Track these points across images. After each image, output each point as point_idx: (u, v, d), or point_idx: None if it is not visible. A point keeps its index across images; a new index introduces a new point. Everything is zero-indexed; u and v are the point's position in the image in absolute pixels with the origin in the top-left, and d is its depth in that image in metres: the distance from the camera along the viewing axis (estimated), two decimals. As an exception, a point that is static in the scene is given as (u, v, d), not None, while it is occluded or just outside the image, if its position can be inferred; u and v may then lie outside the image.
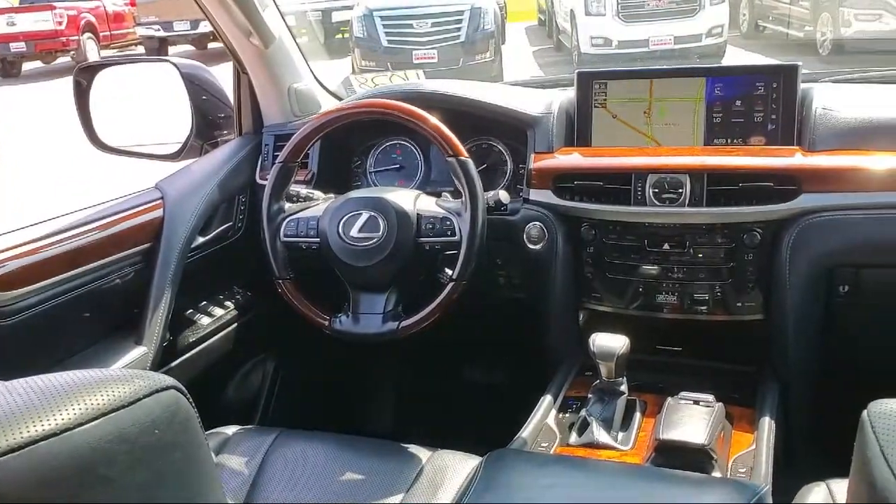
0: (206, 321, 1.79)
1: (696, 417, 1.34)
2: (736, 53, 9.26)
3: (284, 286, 1.61)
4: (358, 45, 9.24)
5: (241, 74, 1.93)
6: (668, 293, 1.68)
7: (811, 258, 1.54)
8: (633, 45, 8.84)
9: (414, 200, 1.58)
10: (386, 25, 9.09)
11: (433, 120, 1.56)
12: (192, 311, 1.78)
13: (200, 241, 1.75)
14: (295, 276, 1.62)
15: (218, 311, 1.84)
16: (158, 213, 1.64)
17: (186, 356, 1.71)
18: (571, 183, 1.65)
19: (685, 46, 8.72)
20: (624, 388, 1.44)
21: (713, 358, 1.69)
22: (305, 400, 2.19)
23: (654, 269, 1.66)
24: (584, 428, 1.41)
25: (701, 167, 1.56)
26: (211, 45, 13.28)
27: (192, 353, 1.73)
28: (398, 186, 1.85)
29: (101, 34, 14.26)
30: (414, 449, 1.42)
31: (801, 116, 1.60)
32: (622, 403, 1.43)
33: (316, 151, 1.88)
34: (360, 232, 1.54)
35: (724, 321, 1.68)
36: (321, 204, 1.65)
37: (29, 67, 14.16)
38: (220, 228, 1.83)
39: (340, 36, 11.33)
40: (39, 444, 0.56)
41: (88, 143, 1.91)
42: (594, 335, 1.42)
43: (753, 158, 1.57)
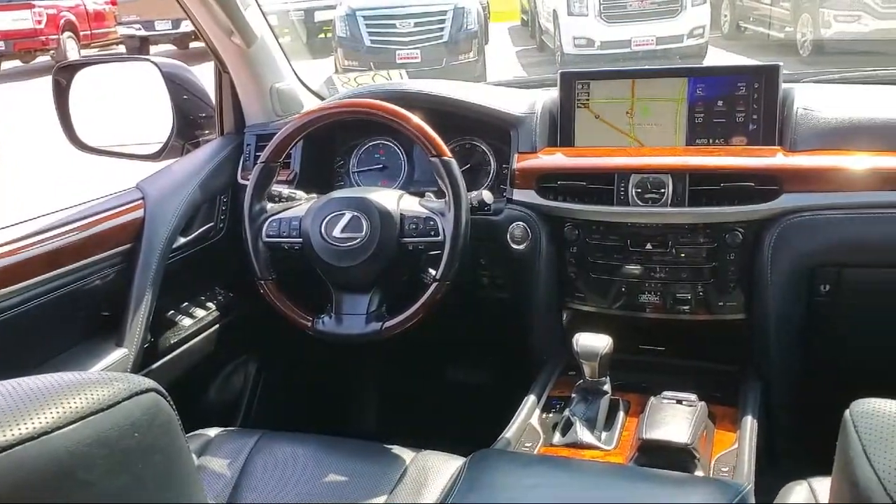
0: (187, 322, 1.78)
1: (678, 417, 1.35)
2: (717, 54, 9.33)
3: (267, 287, 1.60)
4: (341, 44, 9.23)
5: (222, 74, 1.92)
6: (650, 293, 1.69)
7: (792, 258, 1.55)
8: (615, 45, 8.89)
9: (397, 200, 1.57)
10: (369, 25, 9.07)
11: (416, 120, 1.55)
12: (173, 312, 1.76)
13: (182, 241, 1.74)
14: (277, 276, 1.61)
15: (200, 312, 1.82)
16: (139, 213, 1.62)
17: (168, 358, 1.70)
18: (555, 183, 1.66)
19: (667, 47, 8.79)
20: (607, 387, 1.44)
21: (696, 357, 1.70)
22: (288, 401, 2.18)
23: (636, 268, 1.66)
24: (567, 428, 1.41)
25: (683, 167, 1.57)
26: (193, 44, 13.17)
27: (173, 354, 1.72)
28: (381, 186, 1.84)
29: (81, 33, 14.11)
30: (397, 450, 1.42)
31: (782, 116, 1.61)
32: (605, 403, 1.44)
33: (298, 151, 1.87)
34: (342, 232, 1.53)
35: (706, 321, 1.68)
36: (303, 204, 1.64)
37: (7, 66, 13.99)
38: (201, 229, 1.82)
39: (323, 35, 11.30)
40: (16, 448, 0.55)
41: (68, 143, 1.89)
42: (577, 335, 1.42)
43: (735, 158, 1.58)
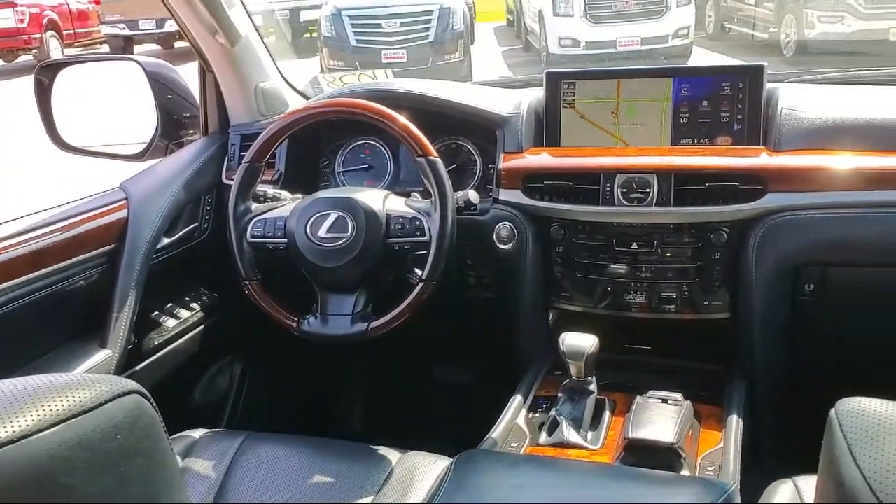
0: (171, 323, 1.76)
1: (664, 416, 1.35)
2: (702, 54, 9.37)
3: (251, 287, 1.59)
4: (326, 44, 9.21)
5: (206, 73, 1.91)
6: (636, 292, 1.69)
7: (777, 257, 1.55)
8: (600, 45, 8.91)
9: (383, 200, 1.57)
10: (354, 25, 9.06)
11: (402, 119, 1.55)
12: (157, 313, 1.75)
13: (166, 241, 1.73)
14: (262, 277, 1.60)
15: (184, 312, 1.81)
16: (123, 213, 1.61)
17: (152, 359, 1.69)
18: (541, 183, 1.66)
19: (652, 47, 8.82)
20: (593, 387, 1.45)
21: (681, 357, 1.70)
22: (273, 402, 2.17)
23: (622, 268, 1.67)
24: (553, 427, 1.41)
25: (668, 167, 1.57)
26: (178, 44, 13.11)
27: (157, 355, 1.71)
28: (367, 186, 1.83)
29: (64, 32, 13.98)
30: (384, 450, 1.41)
31: (766, 116, 1.62)
32: (591, 403, 1.44)
33: (283, 151, 1.86)
34: (328, 232, 1.53)
35: (691, 320, 1.69)
36: (288, 204, 1.63)
37: (-11, 65, 13.90)
38: (185, 229, 1.81)
39: (308, 35, 11.25)
40: None
41: (50, 142, 1.87)
42: (564, 334, 1.42)
43: (720, 158, 1.58)
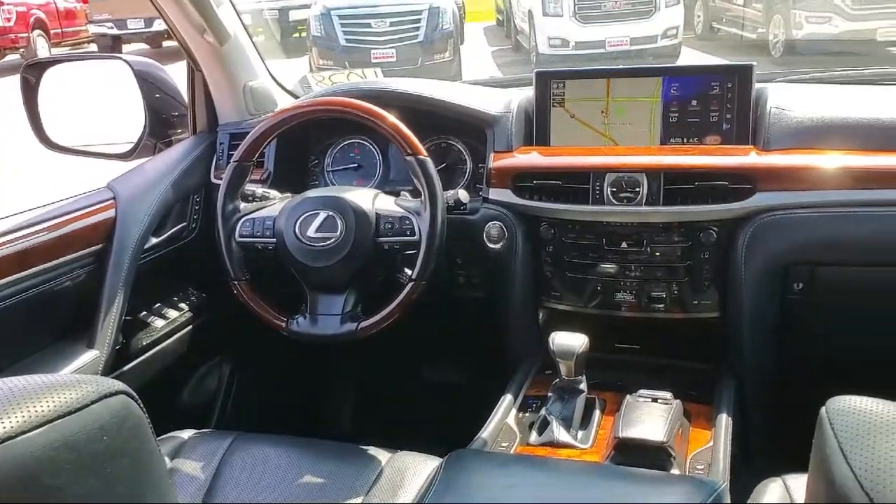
0: (160, 324, 1.75)
1: (654, 415, 1.35)
2: (691, 54, 9.40)
3: (240, 287, 1.58)
4: (315, 44, 9.19)
5: (195, 72, 1.90)
6: (626, 291, 1.69)
7: (766, 256, 1.56)
8: (590, 45, 8.94)
9: (372, 200, 1.56)
10: (344, 24, 9.05)
11: (391, 118, 1.54)
12: (145, 313, 1.74)
13: (154, 241, 1.72)
14: (251, 276, 1.59)
15: (172, 313, 1.80)
16: (110, 213, 1.60)
17: (140, 359, 1.68)
18: (530, 182, 1.65)
19: (641, 47, 8.85)
20: (583, 386, 1.45)
21: (671, 356, 1.71)
22: (262, 402, 2.16)
23: (612, 267, 1.67)
24: (544, 427, 1.41)
25: (657, 166, 1.57)
26: (166, 43, 13.04)
27: (145, 356, 1.70)
28: (356, 186, 1.83)
29: (51, 31, 13.91)
30: (373, 451, 1.41)
31: (755, 116, 1.62)
32: (581, 402, 1.44)
33: (272, 150, 1.85)
34: (317, 232, 1.52)
35: (681, 319, 1.69)
36: (277, 203, 1.63)
37: (-24, 65, 13.82)
38: (174, 229, 1.80)
39: (297, 35, 11.23)
40: None
41: (37, 142, 1.86)
42: (553, 334, 1.42)
43: (709, 158, 1.58)
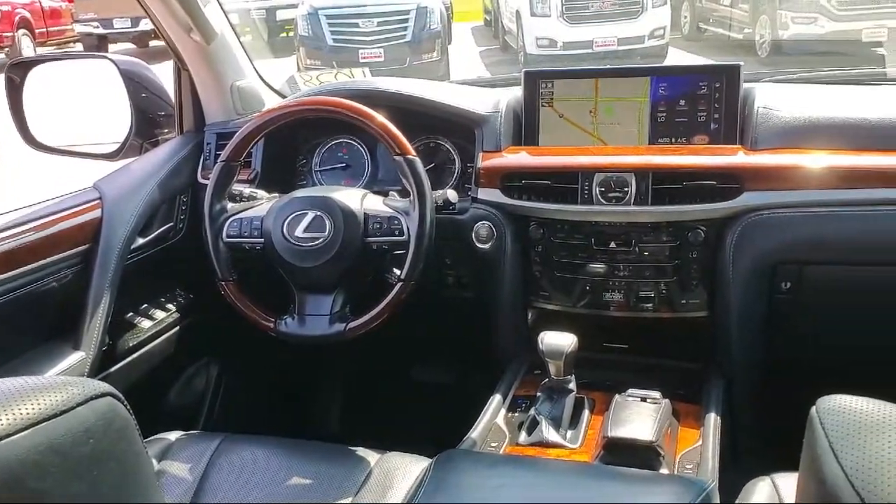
0: (146, 325, 1.74)
1: (643, 414, 1.35)
2: (678, 55, 9.43)
3: (227, 288, 1.57)
4: (303, 43, 9.17)
5: (181, 71, 1.89)
6: (614, 291, 1.69)
7: (754, 255, 1.56)
8: (577, 46, 8.95)
9: (361, 200, 1.56)
10: (331, 24, 9.03)
11: (380, 118, 1.54)
12: (132, 314, 1.73)
13: (140, 242, 1.71)
14: (238, 277, 1.58)
15: (159, 314, 1.79)
16: (96, 213, 1.59)
17: (127, 361, 1.67)
18: (519, 182, 1.65)
19: (628, 48, 8.88)
20: (572, 386, 1.45)
21: (660, 355, 1.71)
22: (250, 404, 2.16)
23: (600, 267, 1.67)
24: (533, 427, 1.41)
25: (646, 166, 1.57)
26: (153, 43, 12.96)
27: (132, 357, 1.69)
28: (344, 185, 1.82)
29: (36, 31, 13.81)
30: (362, 451, 1.40)
31: (743, 115, 1.63)
32: (571, 402, 1.44)
33: (259, 150, 1.85)
34: (305, 232, 1.51)
35: (669, 318, 1.69)
36: (265, 203, 1.62)
37: (-40, 64, 13.72)
38: (160, 229, 1.79)
39: (285, 34, 11.20)
40: None
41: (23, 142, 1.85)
42: (543, 333, 1.42)
43: (697, 157, 1.59)
